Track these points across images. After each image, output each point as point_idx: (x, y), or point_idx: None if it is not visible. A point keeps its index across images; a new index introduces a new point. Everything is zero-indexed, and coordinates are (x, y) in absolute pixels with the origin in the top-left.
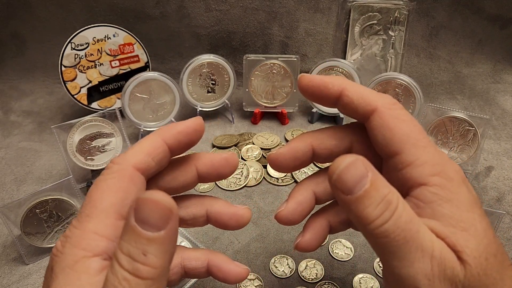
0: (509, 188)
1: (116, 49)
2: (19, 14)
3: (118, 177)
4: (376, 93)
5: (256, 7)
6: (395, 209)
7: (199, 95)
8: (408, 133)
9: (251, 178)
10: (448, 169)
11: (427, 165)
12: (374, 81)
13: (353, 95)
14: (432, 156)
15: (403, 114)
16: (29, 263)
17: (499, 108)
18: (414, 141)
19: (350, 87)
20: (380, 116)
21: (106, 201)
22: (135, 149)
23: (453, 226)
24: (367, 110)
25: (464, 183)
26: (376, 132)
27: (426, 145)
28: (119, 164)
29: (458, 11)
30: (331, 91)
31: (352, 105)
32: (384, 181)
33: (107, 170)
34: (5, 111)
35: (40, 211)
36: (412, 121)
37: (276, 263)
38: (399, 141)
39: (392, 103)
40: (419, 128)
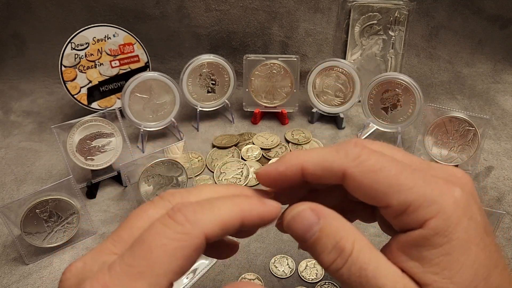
0: (509, 188)
1: (116, 49)
2: (19, 14)
3: (187, 243)
4: (336, 152)
5: (256, 7)
6: (348, 256)
7: (199, 95)
8: (389, 183)
9: (251, 178)
10: (446, 204)
11: (421, 209)
12: (374, 81)
13: (315, 172)
14: (423, 195)
15: (373, 163)
16: (29, 263)
17: (499, 108)
18: (398, 188)
19: (308, 163)
20: (352, 179)
21: (167, 267)
22: (211, 213)
23: (436, 273)
24: (336, 178)
25: (466, 216)
26: (357, 194)
27: (413, 184)
28: (192, 226)
29: (458, 11)
30: (293, 177)
31: (320, 180)
32: (339, 225)
33: (178, 227)
34: (5, 111)
35: (40, 211)
36: (385, 167)
37: (276, 263)
38: (382, 195)
39: (356, 157)
40: (396, 170)
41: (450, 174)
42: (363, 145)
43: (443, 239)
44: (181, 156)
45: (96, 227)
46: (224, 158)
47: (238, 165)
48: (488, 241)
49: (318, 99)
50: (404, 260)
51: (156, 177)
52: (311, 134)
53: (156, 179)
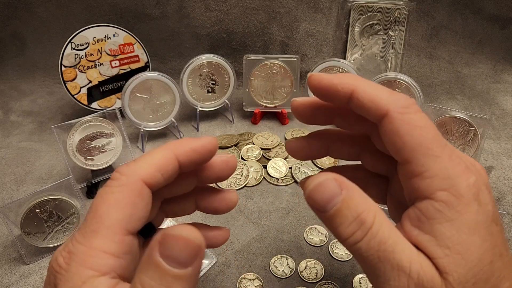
0: (509, 188)
1: (116, 49)
2: (19, 14)
3: (126, 191)
4: (389, 93)
5: (256, 7)
6: (368, 229)
7: (199, 95)
8: (420, 141)
9: (251, 178)
10: (460, 184)
11: (436, 178)
12: (374, 81)
13: (363, 98)
14: (445, 168)
15: (417, 118)
16: (29, 263)
17: (499, 108)
18: (426, 150)
19: (360, 88)
20: (391, 121)
21: (114, 216)
22: (145, 161)
23: (448, 247)
24: (378, 114)
25: (476, 200)
26: (387, 138)
27: (440, 154)
28: (127, 176)
29: (458, 11)
30: (341, 94)
31: (363, 109)
32: (361, 199)
33: (114, 182)
34: (5, 111)
35: (40, 211)
36: (426, 127)
37: (276, 263)
38: (410, 149)
39: (405, 106)
40: (433, 134)
41: (470, 163)
42: (414, 101)
43: (454, 214)
44: None
45: None
46: None
47: (238, 165)
48: (496, 230)
49: None
50: (417, 234)
51: None
52: None
53: None
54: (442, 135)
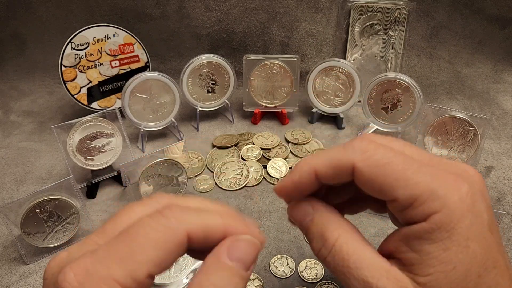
0: (509, 188)
1: (116, 49)
2: (19, 14)
3: (169, 236)
4: (344, 148)
5: (256, 7)
6: (331, 246)
7: (199, 95)
8: (395, 177)
9: (251, 178)
10: (452, 200)
11: (426, 204)
12: (374, 81)
13: (326, 171)
14: (432, 190)
15: (380, 156)
16: (29, 263)
17: (499, 108)
18: (404, 183)
19: (320, 165)
20: (360, 173)
21: (147, 255)
22: (197, 217)
23: (433, 266)
24: (347, 174)
25: (470, 212)
26: (365, 188)
27: (421, 178)
28: (177, 221)
29: (458, 11)
30: (308, 182)
31: (333, 179)
32: (327, 219)
33: (163, 219)
34: (5, 111)
35: (40, 211)
36: (393, 160)
37: (276, 263)
38: (389, 189)
39: (364, 150)
40: (403, 163)
41: (462, 170)
42: (370, 139)
43: (444, 234)
44: (181, 156)
45: (96, 227)
46: (224, 158)
47: (238, 165)
48: (491, 239)
49: (318, 99)
50: (405, 251)
51: (156, 177)
52: (311, 134)
53: (156, 179)
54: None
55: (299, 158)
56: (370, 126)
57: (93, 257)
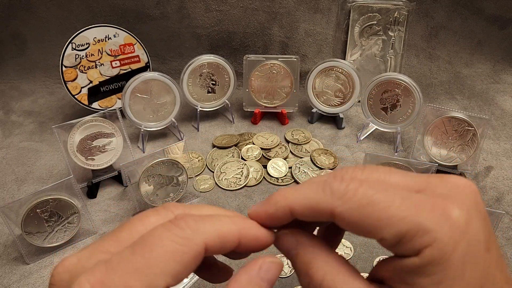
0: (508, 188)
1: (117, 49)
2: (20, 14)
3: (187, 248)
4: (321, 191)
5: (256, 8)
6: (319, 285)
7: (199, 95)
8: (378, 217)
9: (251, 178)
10: (442, 231)
11: (415, 239)
12: (373, 81)
13: (302, 211)
14: (419, 223)
15: (361, 196)
16: (30, 262)
17: (499, 108)
18: (388, 221)
19: (294, 203)
20: (341, 217)
21: (165, 268)
22: (212, 225)
23: None
24: (326, 217)
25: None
26: (350, 230)
27: (406, 213)
28: (193, 232)
29: (458, 12)
30: (283, 217)
31: (311, 219)
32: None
33: (180, 231)
34: (6, 111)
35: (41, 210)
36: (373, 199)
37: None
38: (374, 230)
39: (342, 194)
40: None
41: (451, 187)
42: (351, 177)
43: (437, 268)
44: (182, 156)
45: (97, 226)
46: (224, 158)
47: (238, 165)
48: (488, 259)
49: (318, 99)
50: (398, 281)
51: (157, 177)
52: (311, 134)
53: (156, 179)
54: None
55: (299, 158)
56: (369, 126)
57: (109, 268)
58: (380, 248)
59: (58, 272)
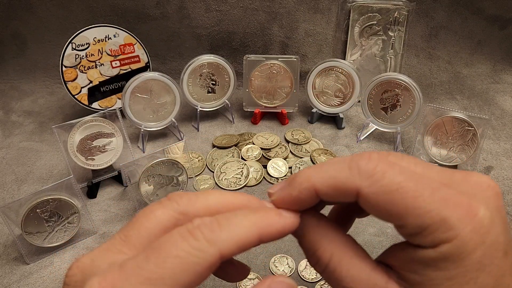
0: (508, 188)
1: (117, 49)
2: (20, 14)
3: (201, 260)
4: (348, 169)
5: (256, 8)
6: (325, 266)
7: (199, 95)
8: (405, 205)
9: (251, 178)
10: (464, 231)
11: (436, 234)
12: (373, 81)
13: (327, 191)
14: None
15: (389, 182)
16: (30, 262)
17: (499, 108)
18: (413, 211)
19: (319, 183)
20: (366, 199)
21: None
22: (229, 234)
23: None
24: (350, 197)
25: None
26: (372, 213)
27: (431, 207)
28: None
29: (458, 12)
30: (308, 199)
31: (336, 199)
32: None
33: (195, 242)
34: (6, 111)
35: (41, 210)
36: (402, 186)
37: (276, 262)
38: (397, 217)
39: (369, 174)
40: (413, 189)
41: (474, 186)
42: (378, 158)
43: (451, 265)
44: (182, 156)
45: (97, 226)
46: (224, 158)
47: (238, 165)
48: (505, 264)
49: (318, 99)
50: (407, 270)
51: (157, 177)
52: (311, 134)
53: (156, 179)
54: (442, 135)
55: (299, 158)
56: (369, 126)
57: (122, 273)
58: (381, 248)
59: (73, 273)
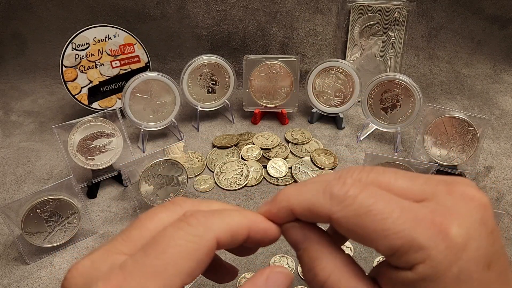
0: (508, 188)
1: (117, 49)
2: (20, 14)
3: (199, 245)
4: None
5: (256, 8)
6: (322, 283)
7: (199, 95)
8: (374, 228)
9: (251, 178)
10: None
11: (408, 255)
12: (373, 82)
13: (302, 213)
14: (413, 239)
15: (360, 205)
16: (30, 262)
17: (498, 108)
18: (383, 233)
19: (295, 205)
20: (337, 223)
21: (179, 267)
22: (222, 220)
23: None
24: (323, 220)
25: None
26: (346, 235)
27: (402, 227)
28: (204, 228)
29: (458, 12)
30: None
31: (309, 220)
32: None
33: (191, 228)
34: (6, 111)
35: (41, 210)
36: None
37: (276, 262)
38: (369, 240)
39: (340, 200)
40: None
41: (458, 198)
42: (354, 180)
43: (429, 285)
44: (182, 156)
45: (97, 226)
46: (224, 158)
47: (238, 165)
48: (489, 276)
49: (318, 99)
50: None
51: (157, 177)
52: (311, 134)
53: (156, 179)
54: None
55: (299, 158)
56: (369, 126)
57: (125, 273)
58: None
59: (72, 276)
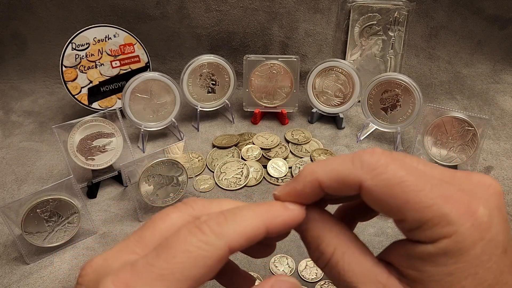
0: (508, 188)
1: (117, 49)
2: (20, 14)
3: (210, 253)
4: (350, 163)
5: (256, 8)
6: (327, 260)
7: (199, 95)
8: (404, 199)
9: (251, 178)
10: (463, 227)
11: (435, 229)
12: (373, 81)
13: (330, 184)
14: (442, 214)
15: (391, 175)
16: (30, 262)
17: (498, 108)
18: (414, 206)
19: (322, 176)
20: (368, 192)
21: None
22: (236, 226)
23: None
24: (354, 190)
25: (483, 238)
26: (373, 206)
27: (432, 202)
28: (216, 236)
29: (458, 12)
30: (313, 193)
31: (339, 192)
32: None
33: (203, 236)
34: (6, 111)
35: (41, 210)
36: (403, 180)
37: (276, 262)
38: (397, 211)
39: (372, 168)
40: (415, 183)
41: (477, 184)
42: (382, 153)
43: (450, 260)
44: (182, 156)
45: (97, 226)
46: (224, 158)
47: (238, 165)
48: (503, 262)
49: (318, 99)
50: (406, 266)
51: (157, 177)
52: (311, 134)
53: (156, 179)
54: (442, 135)
55: (299, 158)
56: (369, 126)
57: (134, 271)
58: (381, 248)
59: (86, 273)
